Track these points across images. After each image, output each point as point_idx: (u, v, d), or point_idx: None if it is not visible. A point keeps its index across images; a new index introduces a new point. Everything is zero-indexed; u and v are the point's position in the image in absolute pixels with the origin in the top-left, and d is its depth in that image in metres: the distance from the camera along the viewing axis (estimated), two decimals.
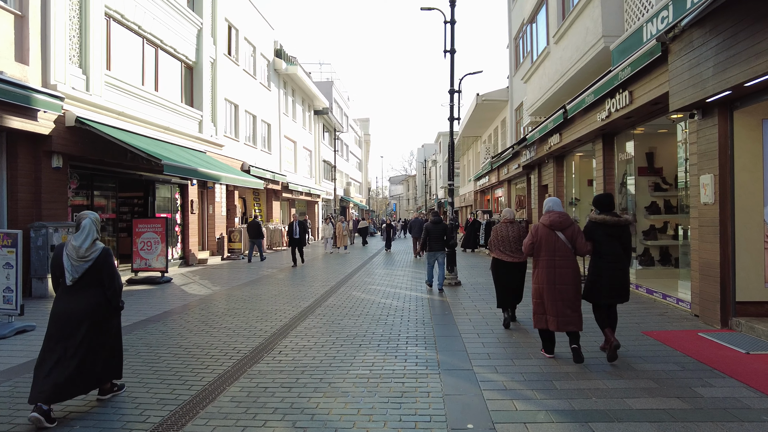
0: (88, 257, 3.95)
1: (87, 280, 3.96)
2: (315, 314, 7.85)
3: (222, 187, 18.41)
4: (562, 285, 4.99)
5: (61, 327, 3.87)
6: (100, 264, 3.99)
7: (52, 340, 3.86)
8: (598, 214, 5.22)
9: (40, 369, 3.80)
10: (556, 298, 5.00)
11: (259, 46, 23.43)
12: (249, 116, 22.27)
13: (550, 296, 5.03)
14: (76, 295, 3.94)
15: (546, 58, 13.44)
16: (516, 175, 20.23)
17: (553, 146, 13.36)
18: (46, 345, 3.86)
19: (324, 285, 11.20)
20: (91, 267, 3.96)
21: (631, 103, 8.32)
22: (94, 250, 4.00)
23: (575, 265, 5.09)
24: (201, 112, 17.03)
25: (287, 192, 25.93)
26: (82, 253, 3.93)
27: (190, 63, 16.81)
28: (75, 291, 3.94)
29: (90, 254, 3.96)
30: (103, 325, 4.04)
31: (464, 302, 8.77)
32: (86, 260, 3.94)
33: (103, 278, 4.02)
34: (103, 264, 4.02)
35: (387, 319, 7.43)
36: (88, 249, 3.97)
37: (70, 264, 3.92)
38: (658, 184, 10.74)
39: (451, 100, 11.12)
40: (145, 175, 13.79)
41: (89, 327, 3.92)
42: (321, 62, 59.58)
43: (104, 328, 4.06)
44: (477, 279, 11.82)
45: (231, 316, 7.82)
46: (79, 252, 3.93)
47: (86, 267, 3.94)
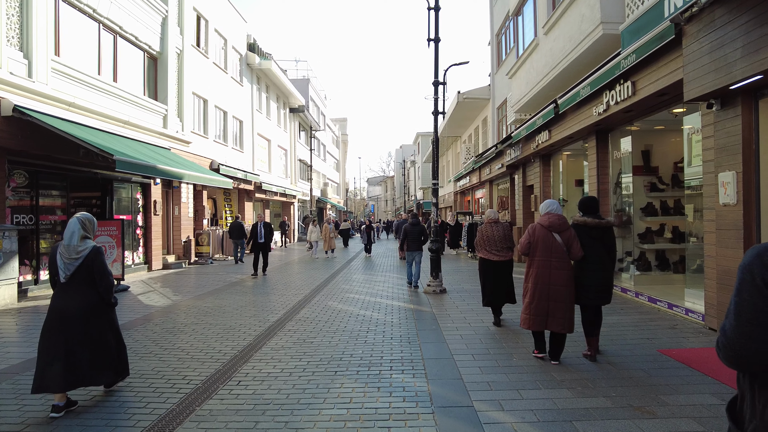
0: (78, 255, 4.09)
1: (79, 278, 4.11)
2: (284, 330, 6.89)
3: (189, 186, 17.23)
4: (556, 285, 5.03)
5: (58, 322, 4.05)
6: (90, 261, 4.12)
7: (51, 333, 4.04)
8: (580, 217, 5.36)
9: (44, 361, 3.98)
10: (550, 297, 5.03)
11: (231, 39, 22.27)
12: (219, 112, 21.10)
13: (543, 295, 5.06)
14: (71, 291, 4.10)
15: (534, 51, 12.72)
16: (499, 176, 19.56)
17: (541, 144, 12.66)
18: (44, 338, 4.05)
19: (297, 293, 10.22)
20: (82, 264, 4.10)
21: (634, 94, 7.60)
22: (84, 248, 4.13)
23: (570, 267, 5.12)
24: (166, 106, 15.85)
25: (260, 192, 24.78)
26: (71, 252, 4.09)
27: (154, 53, 15.62)
28: (69, 288, 4.10)
29: (80, 252, 4.11)
30: (99, 320, 4.21)
31: (452, 313, 7.92)
32: (77, 258, 4.09)
33: (95, 275, 4.14)
34: (93, 261, 4.14)
35: (367, 335, 6.52)
36: (77, 247, 4.12)
37: (63, 262, 4.08)
38: (654, 184, 10.10)
39: (435, 92, 10.28)
40: (102, 173, 12.60)
41: (85, 322, 4.09)
42: (297, 59, 58.24)
43: (100, 324, 4.22)
44: (462, 285, 11.00)
45: (187, 333, 6.80)
46: (69, 250, 4.10)
47: (77, 264, 4.09)
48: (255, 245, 13.69)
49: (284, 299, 9.51)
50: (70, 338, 4.02)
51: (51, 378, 3.92)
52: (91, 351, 4.11)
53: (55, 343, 4.00)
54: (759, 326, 1.34)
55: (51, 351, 3.98)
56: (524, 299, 5.27)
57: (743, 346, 1.37)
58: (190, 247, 17.11)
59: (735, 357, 1.40)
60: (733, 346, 1.39)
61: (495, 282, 6.96)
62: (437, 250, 10.32)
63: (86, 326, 4.10)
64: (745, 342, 1.36)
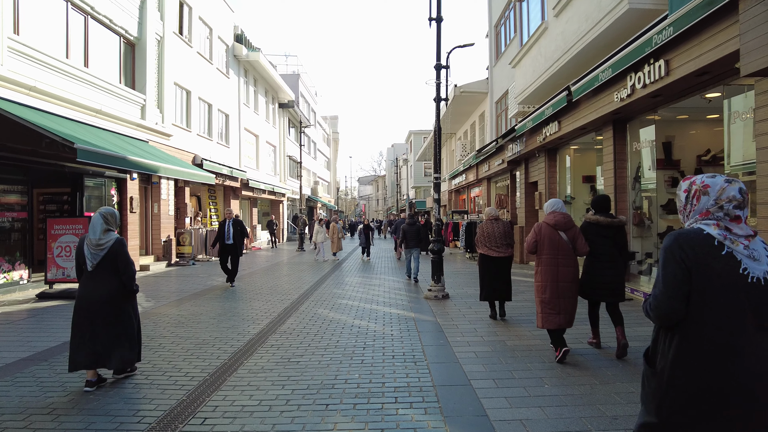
0: (103, 246, 4.41)
1: (105, 267, 4.44)
2: (266, 346, 5.87)
3: (169, 182, 16.10)
4: (564, 282, 5.11)
5: (86, 307, 4.41)
6: (114, 252, 4.46)
7: (80, 317, 4.42)
8: (593, 215, 5.49)
9: (77, 343, 4.39)
10: (559, 295, 5.10)
11: (217, 28, 21.15)
12: (204, 104, 19.97)
13: (554, 293, 5.10)
14: (97, 279, 4.43)
15: (542, 36, 11.79)
16: (498, 172, 18.65)
17: (549, 137, 11.74)
18: (75, 322, 4.44)
19: (283, 299, 9.20)
20: (107, 254, 4.43)
21: (668, 74, 6.67)
22: (108, 240, 4.45)
23: (576, 264, 5.25)
24: (144, 96, 14.73)
25: (248, 190, 23.66)
26: (96, 243, 4.40)
27: (131, 39, 14.49)
28: (95, 276, 4.44)
29: (104, 243, 4.42)
30: (121, 306, 4.54)
31: (459, 323, 6.95)
32: (102, 248, 4.41)
33: (119, 264, 4.48)
34: (117, 252, 4.48)
35: (364, 353, 5.52)
36: (101, 239, 4.42)
37: (90, 252, 4.41)
38: (676, 179, 9.21)
39: (437, 76, 9.29)
40: (70, 166, 11.45)
41: (108, 307, 4.44)
42: (287, 54, 57.01)
43: (122, 309, 4.55)
44: (465, 289, 10.03)
45: (152, 349, 5.76)
46: (94, 242, 4.40)
47: (103, 254, 4.41)
48: (222, 248, 10.96)
49: (269, 306, 8.48)
50: (96, 321, 4.41)
51: (82, 357, 4.37)
52: (113, 334, 4.46)
53: (84, 326, 4.41)
54: (676, 290, 1.87)
55: (81, 333, 4.41)
56: (536, 298, 5.32)
57: (669, 306, 1.88)
58: (170, 248, 15.98)
59: (663, 315, 1.90)
60: (661, 307, 1.90)
61: (495, 277, 7.15)
62: (439, 251, 9.35)
63: (110, 311, 4.46)
64: (669, 302, 1.88)
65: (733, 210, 1.89)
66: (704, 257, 1.84)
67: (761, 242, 1.88)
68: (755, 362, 1.77)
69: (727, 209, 1.90)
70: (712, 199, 1.93)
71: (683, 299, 1.84)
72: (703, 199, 1.95)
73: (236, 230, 10.99)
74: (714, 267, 1.82)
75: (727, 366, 1.77)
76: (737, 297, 1.80)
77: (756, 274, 1.81)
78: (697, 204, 1.97)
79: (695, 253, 1.85)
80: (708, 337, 1.81)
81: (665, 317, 1.88)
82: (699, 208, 1.96)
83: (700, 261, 1.84)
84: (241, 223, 11.21)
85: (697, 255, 1.84)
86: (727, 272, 1.82)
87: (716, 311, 1.81)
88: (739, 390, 1.76)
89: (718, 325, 1.80)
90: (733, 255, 1.83)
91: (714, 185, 1.94)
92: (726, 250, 1.84)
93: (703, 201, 1.95)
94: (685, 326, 1.86)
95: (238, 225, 11.06)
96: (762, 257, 1.83)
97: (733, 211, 1.89)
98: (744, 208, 1.91)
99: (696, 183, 1.99)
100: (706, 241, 1.86)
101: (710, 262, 1.83)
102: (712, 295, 1.81)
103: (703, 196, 1.95)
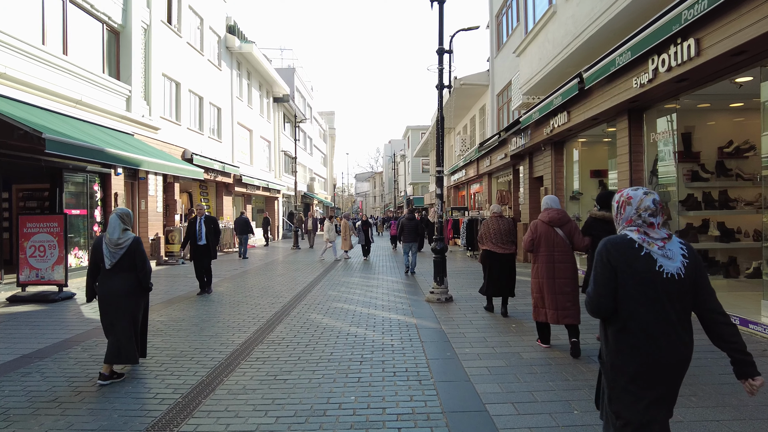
0: (121, 245, 4.63)
1: (123, 264, 4.64)
2: (251, 360, 5.21)
3: (157, 177, 15.37)
4: (561, 279, 5.12)
5: (108, 304, 4.63)
6: (132, 250, 4.68)
7: (102, 314, 4.65)
8: (599, 210, 5.56)
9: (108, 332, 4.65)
10: (556, 291, 5.12)
11: (208, 18, 20.39)
12: (194, 97, 19.23)
13: (550, 290, 5.15)
14: (115, 277, 4.63)
15: (550, 21, 11.11)
16: (500, 167, 17.99)
17: (557, 128, 11.08)
18: (101, 319, 4.67)
19: (274, 302, 8.52)
20: (126, 253, 4.64)
21: (698, 55, 6.00)
22: (126, 239, 4.67)
23: (573, 260, 5.26)
24: (129, 87, 14.01)
25: (241, 186, 22.93)
26: (116, 242, 4.62)
27: (116, 26, 13.75)
28: (113, 274, 4.63)
29: (123, 243, 4.64)
30: (137, 302, 4.75)
31: (466, 331, 6.30)
32: (120, 248, 4.63)
33: (136, 262, 4.69)
34: (135, 250, 4.70)
35: (362, 368, 4.86)
36: (119, 238, 4.63)
37: (109, 251, 4.62)
38: (696, 172, 8.58)
39: (440, 62, 8.60)
40: (47, 160, 10.72)
41: (125, 303, 4.63)
42: (282, 48, 56.06)
43: (135, 306, 4.73)
44: (469, 291, 9.38)
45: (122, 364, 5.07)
46: (113, 242, 4.62)
47: (121, 253, 4.63)
48: (193, 250, 9.42)
49: (257, 311, 7.81)
50: (113, 317, 4.60)
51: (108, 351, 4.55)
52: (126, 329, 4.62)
53: (104, 322, 4.64)
54: (605, 288, 2.18)
55: (105, 329, 4.65)
56: (532, 294, 5.38)
57: (598, 301, 2.20)
58: (158, 246, 15.27)
59: (595, 309, 2.23)
60: (593, 302, 2.22)
61: (499, 274, 7.17)
62: (441, 251, 8.69)
63: (125, 306, 4.63)
64: (599, 298, 2.20)
65: (648, 218, 2.19)
66: (627, 258, 2.14)
67: (678, 243, 2.19)
68: (673, 345, 2.09)
69: (644, 217, 2.19)
70: (634, 208, 2.23)
71: (610, 295, 2.15)
72: (628, 209, 2.25)
73: (209, 229, 9.40)
74: (635, 266, 2.12)
75: (652, 348, 2.08)
76: (655, 290, 2.10)
77: (670, 270, 2.12)
78: (624, 213, 2.27)
79: (619, 255, 2.15)
80: (634, 326, 2.12)
81: (597, 311, 2.21)
82: (625, 216, 2.26)
83: (624, 262, 2.13)
84: (215, 221, 9.62)
85: (621, 257, 2.14)
86: (646, 270, 2.12)
87: (639, 303, 2.11)
88: (663, 368, 2.09)
89: (642, 315, 2.10)
90: (651, 255, 2.13)
91: (635, 197, 2.24)
92: (645, 251, 2.14)
93: (627, 210, 2.25)
94: (616, 319, 2.18)
95: (211, 223, 9.49)
96: (676, 256, 2.14)
97: (648, 219, 2.19)
98: (657, 216, 2.20)
99: (623, 195, 2.29)
100: (629, 245, 2.17)
101: (632, 262, 2.12)
102: (635, 290, 2.11)
103: (628, 206, 2.25)
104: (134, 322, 4.71)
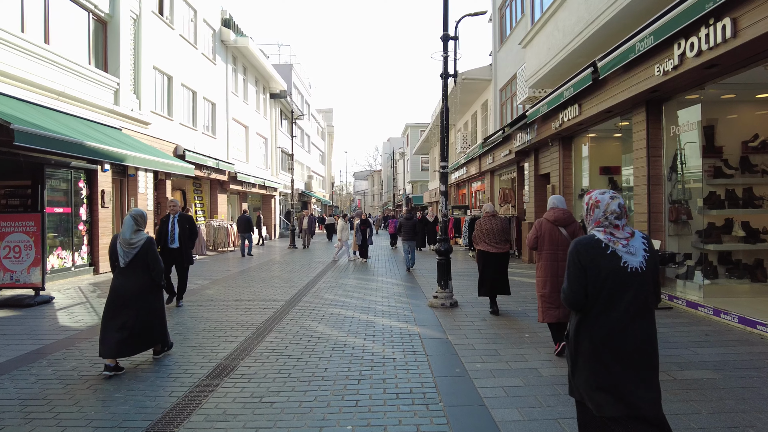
0: (134, 245, 4.83)
1: (136, 263, 4.84)
2: (235, 377, 4.61)
3: (148, 175, 14.74)
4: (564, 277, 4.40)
5: (119, 299, 4.79)
6: (145, 250, 4.88)
7: (112, 309, 4.78)
8: None
9: (105, 332, 4.70)
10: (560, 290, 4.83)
11: (202, 11, 19.75)
12: (187, 92, 18.60)
13: (554, 288, 5.11)
14: (128, 275, 4.84)
15: (560, 8, 10.50)
16: (503, 165, 17.40)
17: (566, 122, 10.49)
18: (107, 313, 4.79)
19: (265, 308, 7.93)
20: (139, 252, 4.85)
21: (735, 36, 5.41)
22: (139, 239, 4.87)
23: None
24: (117, 80, 13.38)
25: (236, 183, 22.31)
26: (128, 242, 4.82)
27: (103, 16, 13.12)
28: (127, 272, 4.84)
29: (135, 242, 4.85)
30: (149, 298, 4.95)
31: (475, 341, 5.71)
32: (134, 247, 4.83)
33: (149, 262, 4.90)
34: (147, 250, 4.90)
35: (359, 388, 4.26)
36: (132, 238, 4.84)
37: (123, 251, 4.82)
38: (719, 168, 8.01)
39: (444, 49, 8.00)
40: (26, 155, 10.10)
41: (140, 300, 4.85)
42: (279, 44, 55.27)
43: (150, 302, 4.97)
44: (474, 294, 8.64)
45: (88, 383, 4.48)
46: (126, 241, 4.82)
47: (134, 253, 4.83)
48: (165, 253, 7.84)
49: (247, 317, 7.21)
50: (125, 314, 4.72)
51: (108, 346, 4.64)
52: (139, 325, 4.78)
53: (113, 318, 4.72)
54: (577, 284, 2.41)
55: (109, 323, 4.71)
56: (537, 293, 5.38)
57: (572, 296, 2.43)
58: None
59: (570, 303, 2.46)
60: (568, 298, 2.45)
61: (494, 273, 7.17)
62: (446, 252, 8.09)
63: (138, 304, 4.82)
64: (572, 294, 2.43)
65: (614, 220, 2.46)
66: (594, 257, 2.41)
67: (641, 239, 2.45)
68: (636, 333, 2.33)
69: (611, 219, 2.46)
70: (602, 211, 2.49)
71: (582, 290, 2.41)
72: (596, 212, 2.52)
73: (182, 229, 7.92)
74: (602, 263, 2.39)
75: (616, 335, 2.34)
76: (620, 283, 2.36)
77: (633, 264, 2.37)
78: (593, 215, 2.54)
79: (588, 254, 2.42)
80: (602, 315, 2.38)
81: (572, 305, 2.47)
82: (594, 218, 2.53)
83: (592, 260, 2.40)
84: (190, 220, 8.17)
85: (589, 255, 2.42)
86: (612, 266, 2.37)
87: (606, 296, 2.37)
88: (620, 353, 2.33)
89: (608, 306, 2.36)
90: (616, 252, 2.39)
91: (603, 201, 2.50)
92: (610, 249, 2.40)
93: (596, 213, 2.52)
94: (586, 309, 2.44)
95: (186, 222, 8.04)
96: (638, 251, 2.40)
97: (614, 221, 2.46)
98: (622, 218, 2.47)
99: (592, 198, 2.56)
100: (596, 244, 2.43)
101: (599, 260, 2.39)
102: (602, 284, 2.37)
103: (596, 209, 2.52)
104: (150, 315, 4.93)
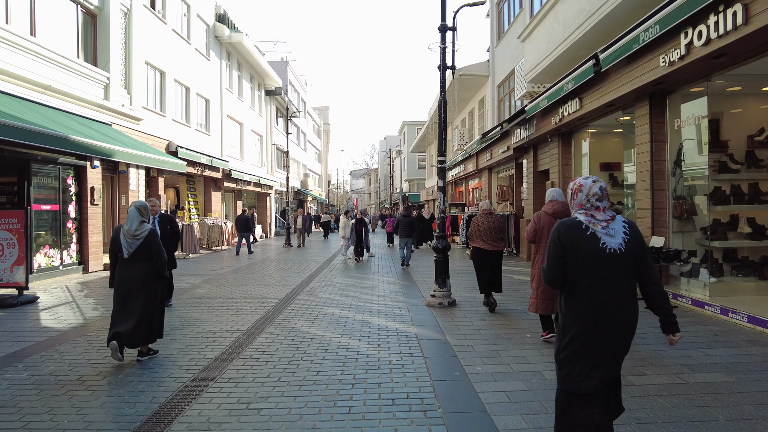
0: (138, 236, 4.89)
1: (139, 254, 4.91)
2: (222, 380, 4.35)
3: (139, 171, 14.44)
4: None
5: (125, 291, 4.91)
6: (149, 242, 4.95)
7: (119, 300, 4.92)
8: None
9: (114, 321, 4.86)
10: None
11: (195, 5, 19.43)
12: (180, 87, 18.29)
13: None
14: (132, 266, 4.92)
15: (560, 1, 10.26)
16: (501, 161, 17.17)
17: (566, 117, 10.26)
18: (116, 304, 4.93)
19: (257, 307, 7.67)
20: (142, 244, 4.91)
21: (746, 23, 5.18)
22: (143, 230, 4.93)
23: None
24: (108, 74, 13.07)
25: (230, 181, 22.00)
26: (132, 234, 4.88)
27: (92, 8, 12.80)
28: (131, 263, 4.92)
29: (139, 234, 4.90)
30: (153, 289, 5.02)
31: (475, 342, 5.47)
32: (137, 239, 4.89)
33: (152, 253, 4.96)
34: (151, 242, 4.96)
35: (353, 394, 4.01)
36: (137, 230, 4.89)
37: (126, 242, 4.89)
38: (724, 163, 7.79)
39: (442, 40, 7.75)
40: (11, 150, 9.80)
41: (144, 290, 4.92)
42: (275, 41, 54.95)
43: (155, 292, 5.04)
44: (473, 293, 8.51)
45: (65, 387, 4.22)
46: (130, 233, 4.88)
47: (138, 244, 4.90)
48: None
49: (238, 317, 6.95)
50: (130, 304, 4.87)
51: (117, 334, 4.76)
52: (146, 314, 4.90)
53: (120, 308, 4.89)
54: (555, 263, 2.54)
55: (118, 313, 4.88)
56: (533, 284, 5.42)
57: (552, 274, 2.55)
58: None
59: (549, 281, 2.58)
60: (548, 275, 2.57)
61: (488, 271, 7.22)
62: (444, 250, 7.86)
63: (144, 293, 4.92)
64: (551, 272, 2.55)
65: (595, 202, 2.56)
66: (575, 237, 2.51)
67: (621, 222, 2.54)
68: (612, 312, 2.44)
69: (592, 201, 2.56)
70: (584, 194, 2.59)
71: (561, 269, 2.53)
72: (579, 195, 2.61)
73: (164, 231, 7.29)
74: (582, 244, 2.48)
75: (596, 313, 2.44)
76: (599, 264, 2.45)
77: (612, 246, 2.46)
78: (576, 198, 2.63)
79: (569, 234, 2.52)
80: (578, 294, 2.49)
81: (551, 283, 2.58)
82: (577, 201, 2.62)
83: (573, 240, 2.50)
84: (172, 221, 7.74)
85: (570, 236, 2.52)
86: (591, 247, 2.47)
87: (586, 275, 2.47)
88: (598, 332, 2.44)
89: (588, 285, 2.46)
90: (595, 234, 2.49)
91: (585, 185, 2.61)
92: (590, 231, 2.50)
93: (579, 196, 2.62)
94: (568, 288, 2.54)
95: (168, 223, 7.55)
96: (618, 234, 2.49)
97: (596, 203, 2.56)
98: (603, 201, 2.56)
99: (576, 183, 2.67)
100: (578, 226, 2.53)
101: (579, 241, 2.49)
102: (583, 264, 2.47)
103: (579, 193, 2.62)
104: (153, 305, 4.97)
